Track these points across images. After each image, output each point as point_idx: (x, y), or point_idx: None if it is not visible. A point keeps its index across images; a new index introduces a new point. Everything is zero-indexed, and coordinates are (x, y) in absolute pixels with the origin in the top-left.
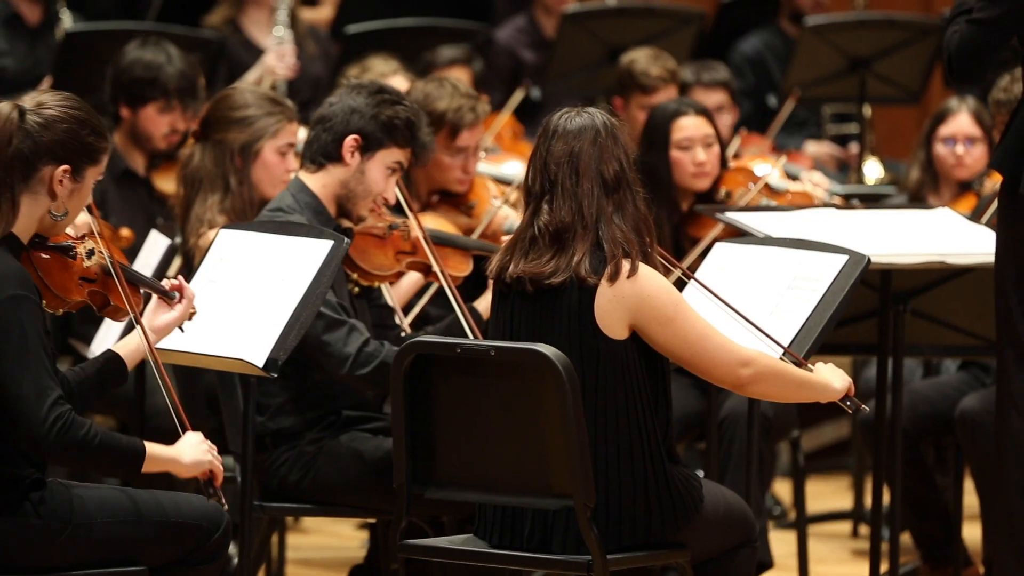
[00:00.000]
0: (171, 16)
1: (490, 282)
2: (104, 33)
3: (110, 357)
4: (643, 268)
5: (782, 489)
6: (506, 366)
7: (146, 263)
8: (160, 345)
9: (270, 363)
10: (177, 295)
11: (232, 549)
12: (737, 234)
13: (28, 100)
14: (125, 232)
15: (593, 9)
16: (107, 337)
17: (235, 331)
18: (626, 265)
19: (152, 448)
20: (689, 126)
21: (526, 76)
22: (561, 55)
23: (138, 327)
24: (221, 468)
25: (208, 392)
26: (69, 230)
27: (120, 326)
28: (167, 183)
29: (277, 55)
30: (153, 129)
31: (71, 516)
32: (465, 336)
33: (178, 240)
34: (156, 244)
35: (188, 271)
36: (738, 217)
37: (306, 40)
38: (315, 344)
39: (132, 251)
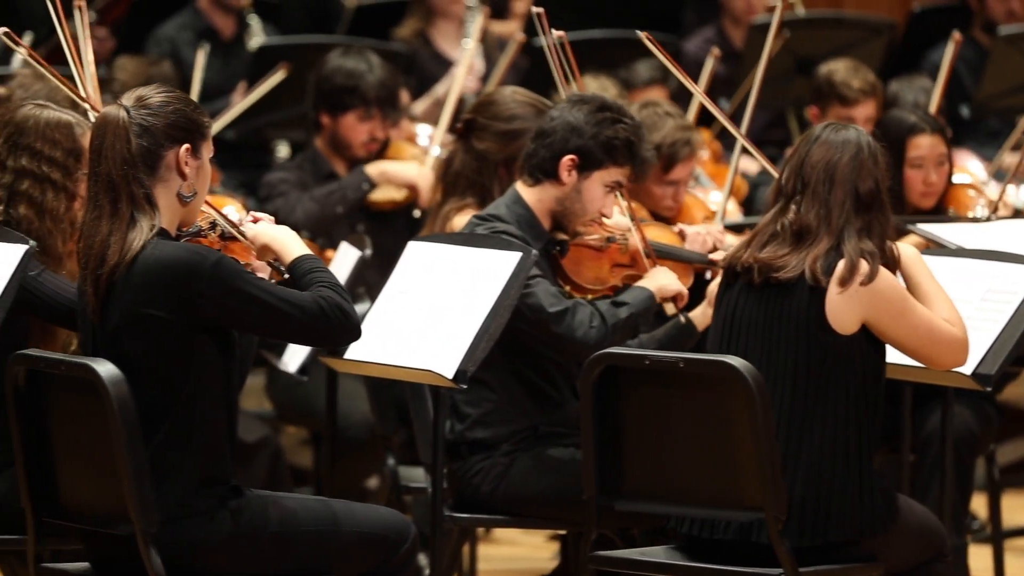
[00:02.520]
0: (362, 29)
1: (710, 289)
2: (296, 47)
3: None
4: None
5: (977, 503)
6: (695, 378)
7: (337, 273)
8: (350, 356)
9: (459, 375)
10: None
11: (423, 559)
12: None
13: (126, 99)
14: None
15: (782, 20)
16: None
17: (425, 342)
18: (864, 268)
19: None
20: (924, 145)
21: (715, 88)
22: (750, 66)
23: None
24: None
25: (399, 403)
26: None
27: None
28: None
29: (466, 68)
30: (353, 137)
31: (267, 525)
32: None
33: (368, 252)
34: (346, 256)
35: None
36: (931, 229)
37: (495, 53)
38: (548, 341)
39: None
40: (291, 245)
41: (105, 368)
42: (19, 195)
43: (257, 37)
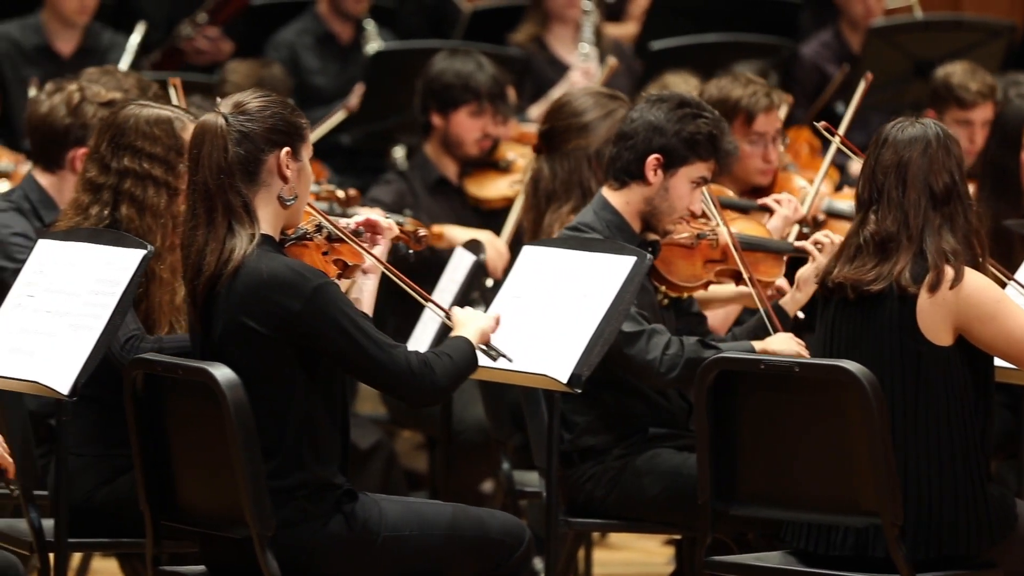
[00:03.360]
0: (477, 34)
1: (799, 274)
2: (412, 52)
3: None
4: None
5: None
6: (811, 382)
7: (451, 279)
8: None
9: (574, 379)
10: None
11: (538, 564)
12: None
13: (223, 105)
14: (437, 229)
15: (900, 23)
16: (422, 337)
17: (539, 347)
18: (949, 273)
19: (465, 334)
20: None
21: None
22: (867, 69)
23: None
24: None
25: (513, 407)
26: None
27: (433, 327)
28: (480, 190)
29: (582, 72)
30: (465, 134)
31: (381, 528)
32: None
33: (483, 256)
34: (462, 261)
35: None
36: None
37: (610, 56)
38: (619, 361)
39: (442, 260)
40: (466, 326)
41: (222, 372)
42: (122, 195)
43: (373, 42)
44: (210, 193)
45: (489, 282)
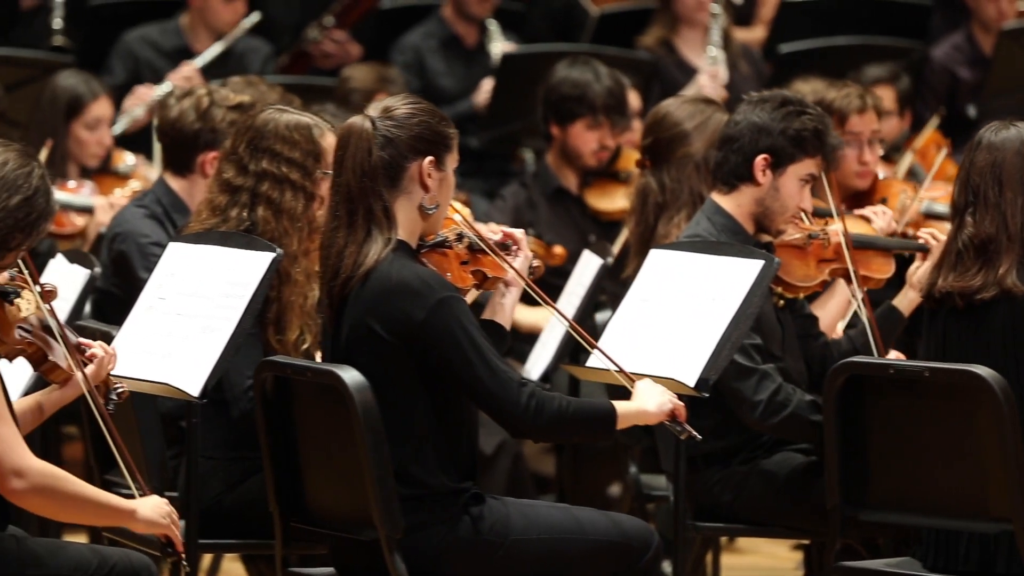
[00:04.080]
0: (605, 37)
1: (910, 272)
2: (539, 56)
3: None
4: None
5: None
6: (941, 387)
7: (578, 282)
8: (592, 363)
9: (701, 383)
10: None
11: (667, 568)
12: None
13: (372, 109)
14: (558, 250)
15: None
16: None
17: (666, 350)
18: None
19: (620, 406)
20: None
21: (962, 94)
22: (999, 72)
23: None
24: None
25: None
26: None
27: (559, 333)
28: (599, 201)
29: (710, 75)
30: (582, 146)
31: (508, 532)
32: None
33: (610, 260)
34: (588, 264)
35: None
36: None
37: (739, 60)
38: (726, 389)
39: (565, 269)
40: (642, 399)
41: (350, 375)
42: (259, 197)
43: (497, 42)
44: (352, 195)
45: None
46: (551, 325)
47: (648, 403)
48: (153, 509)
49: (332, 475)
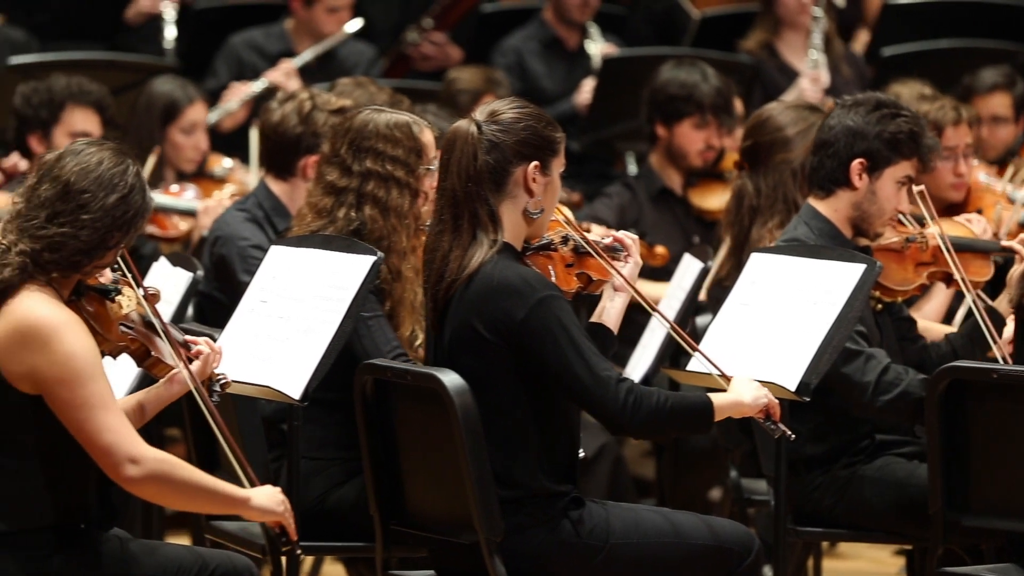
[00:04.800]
0: (707, 41)
1: (1010, 275)
2: (640, 59)
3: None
4: None
5: None
6: None
7: (679, 285)
8: (692, 367)
9: (802, 387)
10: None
11: (767, 572)
12: None
13: (478, 113)
14: (660, 250)
15: None
16: (648, 348)
17: (766, 354)
18: None
19: (717, 398)
20: None
21: None
22: None
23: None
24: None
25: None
26: None
27: (660, 335)
28: (704, 201)
29: (811, 79)
30: (688, 146)
31: (608, 536)
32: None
33: (710, 263)
34: (689, 267)
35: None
36: None
37: (841, 63)
38: (833, 376)
39: (667, 270)
40: (737, 391)
41: (450, 378)
42: (365, 196)
43: (597, 43)
44: (457, 200)
45: None
46: (652, 328)
47: (744, 395)
48: (268, 497)
49: (432, 478)
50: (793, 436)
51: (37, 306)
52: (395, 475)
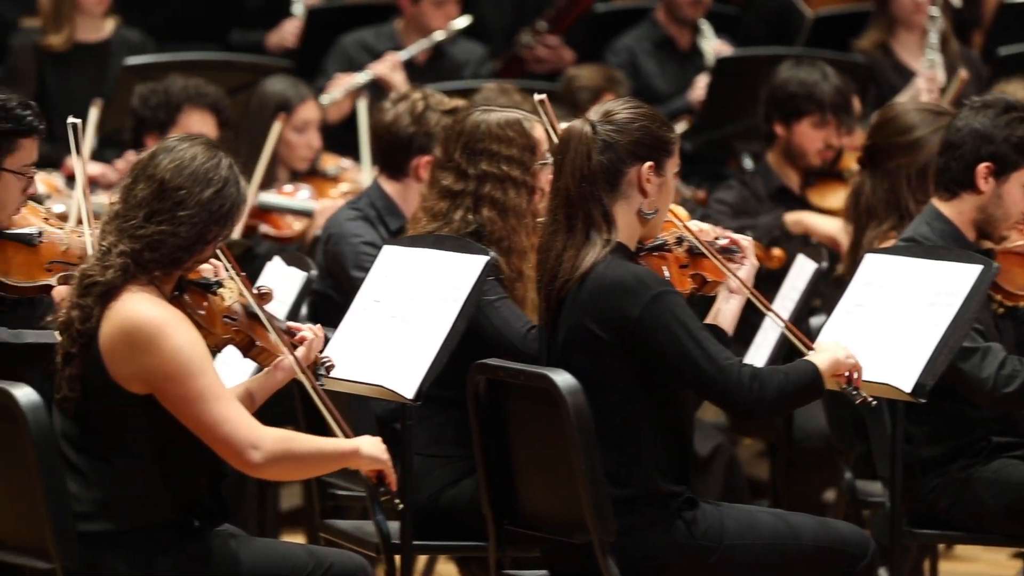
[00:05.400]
0: (820, 40)
1: None
2: (754, 59)
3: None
4: None
5: None
6: None
7: (793, 286)
8: None
9: (918, 388)
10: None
11: (883, 575)
12: None
13: (592, 113)
14: (776, 252)
15: None
16: (762, 345)
17: (882, 355)
18: None
19: (818, 361)
20: None
21: None
22: None
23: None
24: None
25: (856, 415)
26: None
27: (773, 336)
28: (822, 200)
29: (927, 79)
30: (807, 145)
31: (722, 536)
32: None
33: (825, 264)
34: (803, 268)
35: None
36: None
37: (958, 63)
38: (952, 374)
39: (782, 272)
40: (820, 353)
41: (563, 378)
42: (482, 199)
43: (709, 41)
44: (571, 200)
45: None
46: (765, 328)
47: (836, 352)
48: (374, 445)
49: (545, 478)
50: (875, 402)
51: (140, 306)
52: (508, 475)
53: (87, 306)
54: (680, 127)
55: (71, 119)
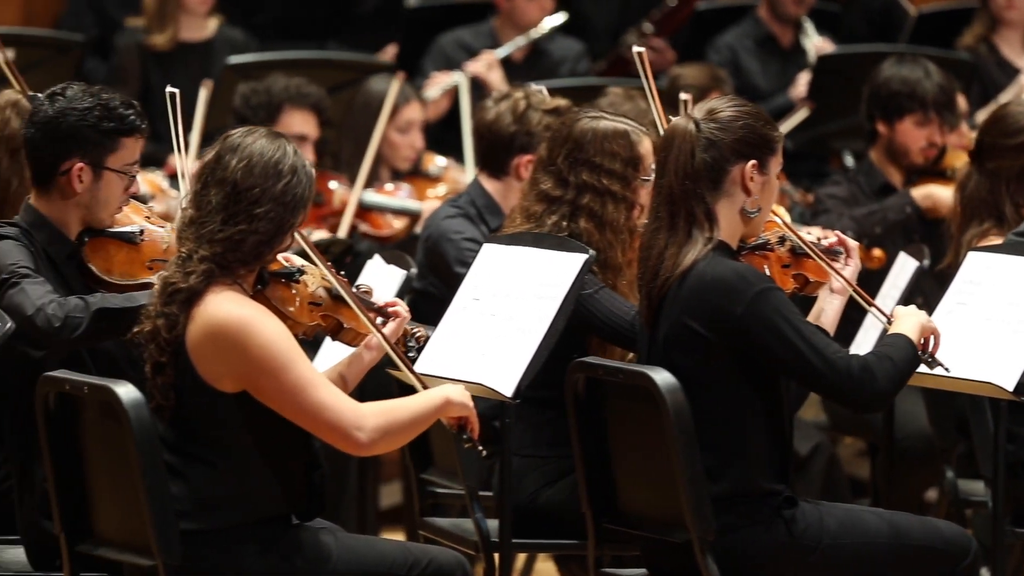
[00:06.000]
0: (923, 37)
1: None
2: (856, 56)
3: None
4: None
5: None
6: None
7: (893, 284)
8: (922, 369)
9: (1021, 387)
10: (843, 251)
11: (985, 575)
12: None
13: (696, 111)
14: (876, 252)
15: None
16: (863, 343)
17: (985, 353)
18: None
19: (907, 331)
20: None
21: None
22: None
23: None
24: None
25: (958, 414)
26: None
27: (875, 333)
28: (930, 186)
29: None
30: (910, 143)
31: (822, 536)
32: None
33: (926, 263)
34: (904, 267)
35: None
36: None
37: None
38: None
39: (881, 272)
40: (904, 320)
41: (662, 376)
42: (580, 209)
43: (811, 37)
44: (674, 198)
45: None
46: (866, 327)
47: (920, 316)
48: (459, 392)
49: (644, 476)
50: (949, 370)
51: (224, 306)
52: (607, 473)
53: (172, 314)
54: (802, 115)
55: (169, 88)
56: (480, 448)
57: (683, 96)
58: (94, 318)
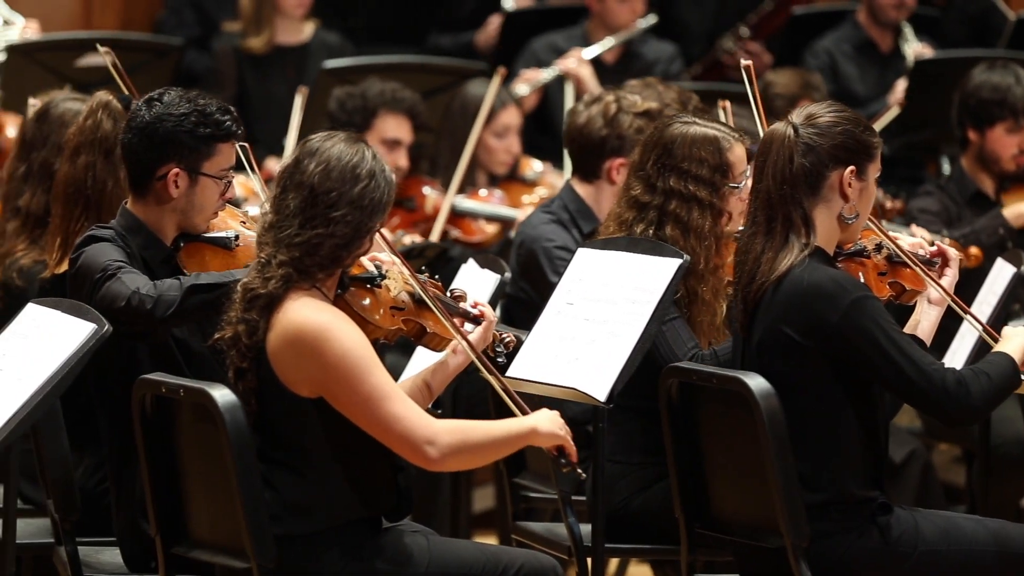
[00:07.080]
0: (1022, 42)
1: None
2: (954, 61)
3: None
4: None
5: None
6: None
7: (990, 290)
8: None
9: None
10: None
11: None
12: None
13: (795, 116)
14: (973, 251)
15: None
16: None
17: None
18: None
19: (1010, 349)
20: None
21: None
22: None
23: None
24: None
25: None
26: None
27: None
28: (1020, 205)
29: None
30: (1001, 150)
31: (917, 542)
32: None
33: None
34: (1001, 272)
35: None
36: None
37: None
38: None
39: (980, 273)
40: (1010, 342)
41: (756, 382)
42: (667, 215)
43: (911, 43)
44: (771, 202)
45: None
46: (961, 334)
47: (1014, 345)
48: (550, 420)
49: (738, 481)
50: None
51: (303, 312)
52: (700, 478)
53: (252, 320)
54: (892, 113)
55: (238, 144)
56: (579, 471)
57: (721, 104)
58: (187, 293)
